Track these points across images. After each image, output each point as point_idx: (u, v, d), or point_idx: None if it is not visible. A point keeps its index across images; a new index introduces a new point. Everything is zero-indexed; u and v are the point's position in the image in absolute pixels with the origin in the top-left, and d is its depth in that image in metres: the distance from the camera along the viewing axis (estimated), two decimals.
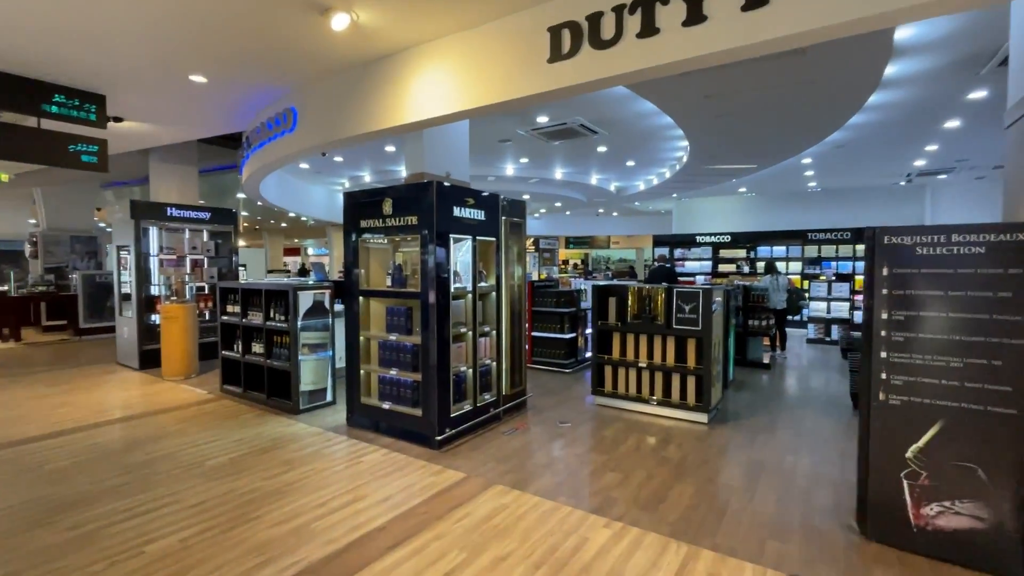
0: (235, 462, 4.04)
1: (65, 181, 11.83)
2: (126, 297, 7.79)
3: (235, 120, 6.57)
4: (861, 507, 3.00)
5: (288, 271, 26.02)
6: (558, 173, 10.24)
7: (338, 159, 9.12)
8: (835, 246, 12.20)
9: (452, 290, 4.44)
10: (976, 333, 2.68)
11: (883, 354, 2.90)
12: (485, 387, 4.98)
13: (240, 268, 13.01)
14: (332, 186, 12.62)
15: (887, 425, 2.88)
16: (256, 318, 5.75)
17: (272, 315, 5.58)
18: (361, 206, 4.77)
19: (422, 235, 4.31)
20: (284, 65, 4.69)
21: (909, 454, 2.82)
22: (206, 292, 8.46)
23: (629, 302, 5.45)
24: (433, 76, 4.36)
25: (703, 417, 5.05)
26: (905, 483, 2.83)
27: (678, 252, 14.57)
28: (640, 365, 5.39)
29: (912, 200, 11.64)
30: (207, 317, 8.41)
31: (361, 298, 4.84)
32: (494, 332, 5.07)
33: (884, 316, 2.90)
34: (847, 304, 10.17)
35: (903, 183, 11.02)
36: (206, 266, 8.56)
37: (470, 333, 4.71)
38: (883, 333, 2.90)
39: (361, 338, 4.85)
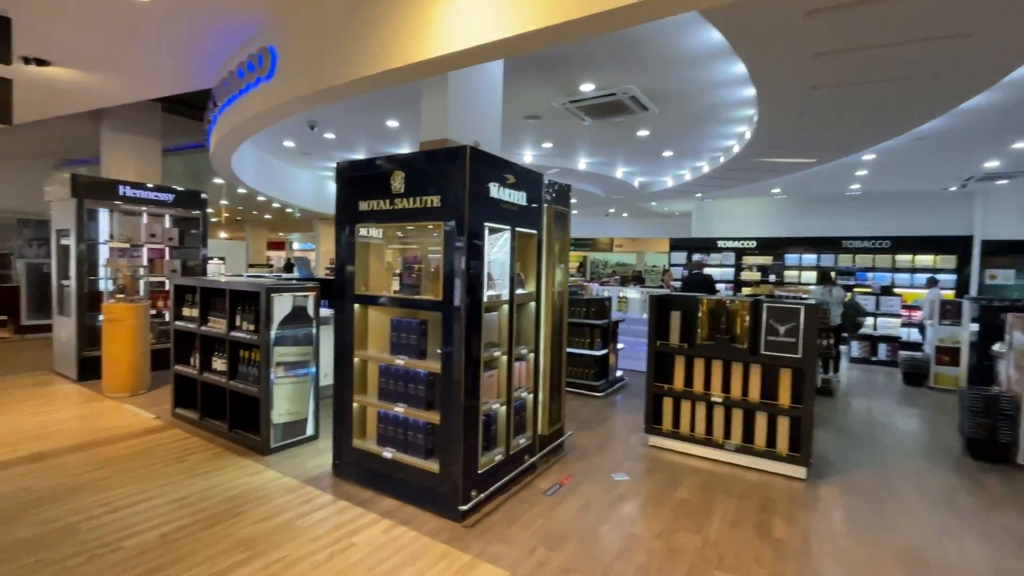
0: (167, 543, 2.76)
1: (12, 157, 10.33)
2: (65, 292, 6.41)
3: (198, 71, 5.23)
4: None
5: (271, 266, 24.49)
6: (582, 163, 9.05)
7: (329, 135, 7.80)
8: (872, 256, 11.21)
9: (485, 299, 3.22)
10: None
11: None
12: (519, 427, 3.76)
13: (217, 261, 11.59)
14: (321, 171, 11.26)
15: None
16: (218, 326, 4.45)
17: (238, 323, 4.30)
18: (360, 182, 3.52)
19: (447, 222, 3.09)
20: None
21: None
22: (165, 289, 7.09)
23: (699, 319, 4.27)
24: None
25: (800, 471, 3.88)
26: None
27: (695, 258, 13.49)
28: (713, 399, 4.22)
29: (958, 207, 10.68)
30: (166, 318, 7.05)
31: (357, 306, 3.59)
32: (531, 355, 3.85)
33: None
34: (897, 320, 9.13)
35: (954, 188, 10.04)
36: (167, 258, 7.21)
37: (504, 357, 3.49)
38: None
39: (356, 359, 3.59)
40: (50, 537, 2.79)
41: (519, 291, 3.62)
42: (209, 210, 8.19)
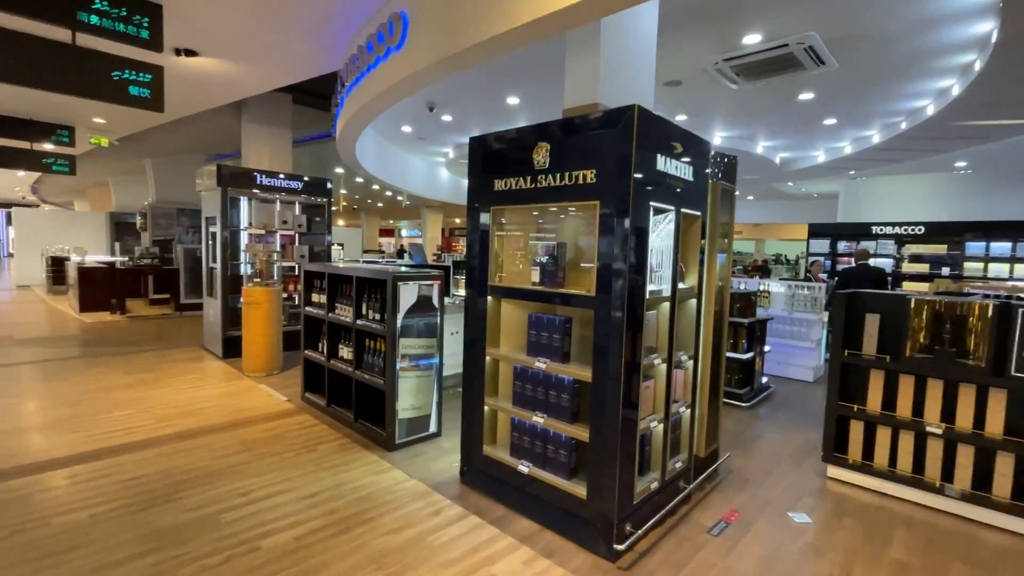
0: (300, 549, 2.59)
1: (172, 152, 11.61)
2: (213, 276, 6.91)
3: (328, 52, 5.17)
4: None
5: (383, 252, 25.88)
6: (717, 137, 8.02)
7: (446, 117, 7.63)
8: None
9: (647, 295, 2.65)
10: None
11: None
12: (674, 448, 3.16)
13: (337, 247, 12.23)
14: (434, 157, 11.31)
15: None
16: (345, 313, 4.36)
17: (364, 311, 4.15)
18: (496, 158, 3.10)
19: (603, 201, 2.55)
20: None
21: None
22: (296, 273, 7.40)
23: (910, 324, 3.32)
24: None
25: None
26: None
27: (841, 246, 11.67)
28: (929, 429, 3.27)
29: None
30: (296, 301, 7.37)
31: (490, 298, 3.20)
32: (690, 362, 3.21)
33: None
34: None
35: None
36: (297, 243, 7.52)
37: (663, 364, 2.90)
38: None
39: (487, 358, 3.21)
40: (191, 528, 2.75)
41: (680, 286, 2.99)
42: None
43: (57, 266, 12.90)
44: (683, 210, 2.91)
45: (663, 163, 2.68)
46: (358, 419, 4.25)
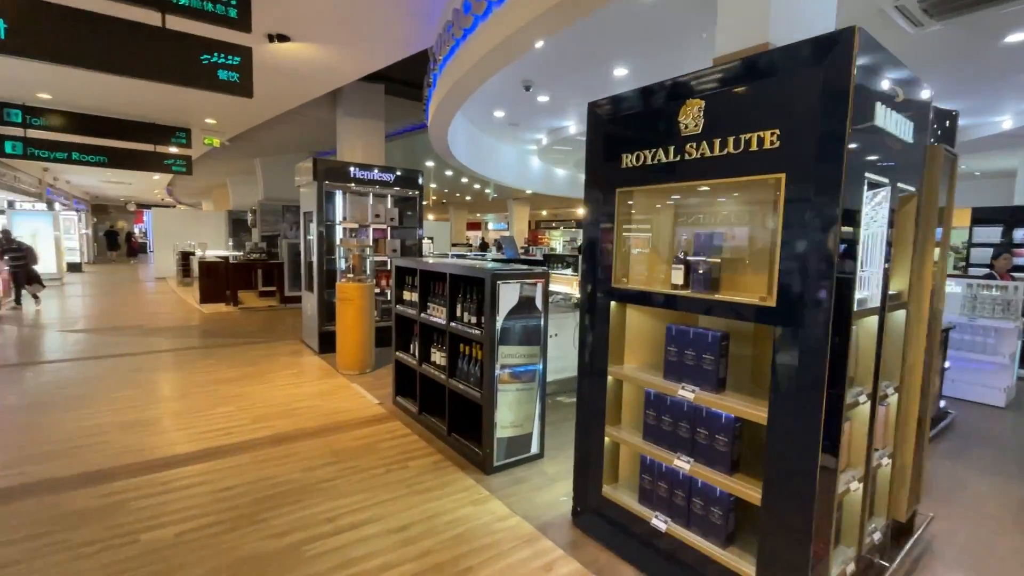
0: None
1: (278, 152, 12.16)
2: (310, 269, 6.93)
3: (421, 26, 4.77)
4: None
5: (470, 245, 26.02)
6: None
7: (543, 98, 7.03)
8: None
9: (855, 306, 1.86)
10: None
11: None
12: (870, 510, 2.32)
13: (427, 241, 12.20)
14: (526, 145, 10.79)
15: None
16: (438, 314, 3.94)
17: (459, 313, 3.69)
18: (625, 125, 2.43)
19: (794, 173, 1.80)
20: None
21: None
22: (388, 268, 7.25)
23: None
24: None
25: None
26: None
27: (1019, 234, 9.49)
28: None
29: None
30: (387, 296, 7.21)
31: (613, 304, 2.56)
32: (895, 394, 2.35)
33: None
34: None
35: None
36: (389, 237, 7.35)
37: (865, 400, 2.08)
38: None
39: (609, 378, 2.58)
40: (274, 561, 2.43)
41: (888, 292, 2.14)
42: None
43: (185, 260, 14.19)
44: (898, 184, 2.06)
45: (883, 116, 1.86)
46: (451, 432, 3.82)
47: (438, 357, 4.00)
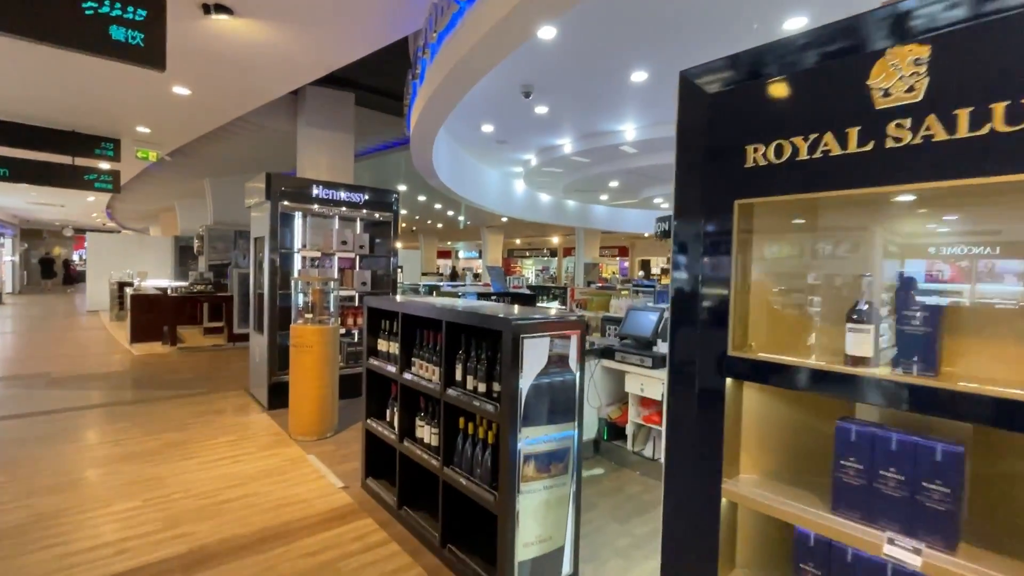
0: None
1: (230, 172, 10.95)
2: (260, 305, 5.75)
3: (398, 4, 3.84)
4: None
5: (441, 274, 24.93)
6: None
7: (541, 109, 6.21)
8: None
9: None
10: None
11: None
12: None
13: (398, 270, 11.12)
14: (511, 167, 9.99)
15: None
16: (427, 374, 2.90)
17: (460, 376, 2.67)
18: (753, 98, 1.54)
19: None
20: None
21: None
22: (356, 304, 6.16)
23: None
24: None
25: None
26: None
27: None
28: None
29: None
30: (356, 338, 6.09)
31: (729, 381, 1.61)
32: None
33: None
34: None
35: None
36: (357, 268, 6.28)
37: None
38: None
39: (723, 499, 1.61)
40: None
41: None
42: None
43: (122, 291, 12.56)
44: None
45: None
46: (447, 542, 2.74)
47: (427, 434, 2.94)
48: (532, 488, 2.38)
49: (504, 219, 20.97)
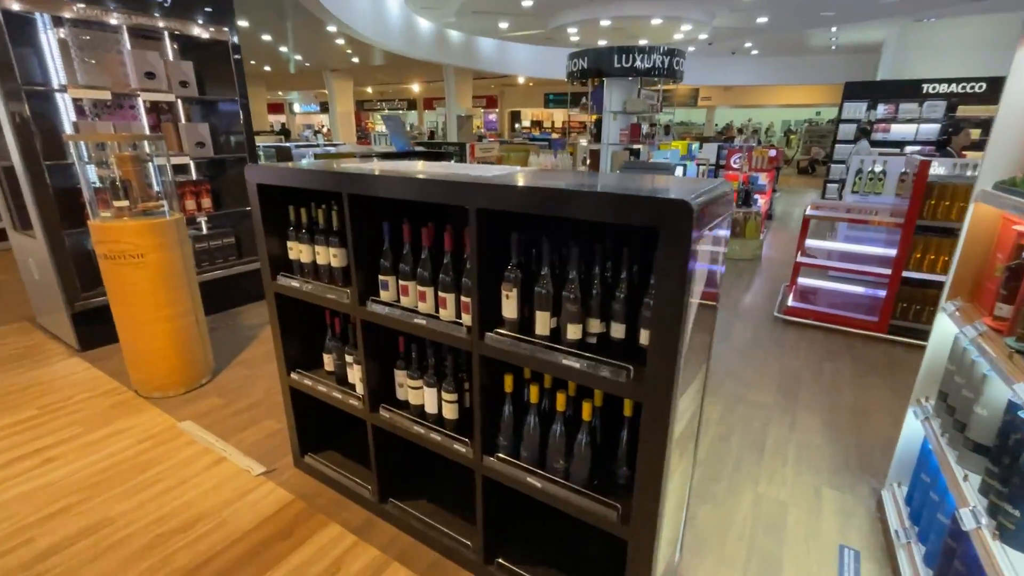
0: None
1: None
2: (14, 186, 3.40)
3: None
4: None
5: (277, 133, 20.41)
6: None
7: None
8: None
9: None
10: None
11: None
12: None
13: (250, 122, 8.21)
14: None
15: None
16: (428, 307, 1.58)
17: (515, 313, 1.42)
18: None
19: None
20: None
21: None
22: (195, 179, 4.09)
23: None
24: None
25: None
26: None
27: (881, 109, 9.99)
28: None
29: None
30: (203, 230, 4.17)
31: None
32: None
33: None
34: None
35: None
36: (183, 119, 4.05)
37: None
38: None
39: None
40: None
41: None
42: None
43: None
44: None
45: None
46: (493, 556, 1.74)
47: (428, 399, 1.72)
48: (671, 486, 1.42)
49: (355, 59, 17.14)
